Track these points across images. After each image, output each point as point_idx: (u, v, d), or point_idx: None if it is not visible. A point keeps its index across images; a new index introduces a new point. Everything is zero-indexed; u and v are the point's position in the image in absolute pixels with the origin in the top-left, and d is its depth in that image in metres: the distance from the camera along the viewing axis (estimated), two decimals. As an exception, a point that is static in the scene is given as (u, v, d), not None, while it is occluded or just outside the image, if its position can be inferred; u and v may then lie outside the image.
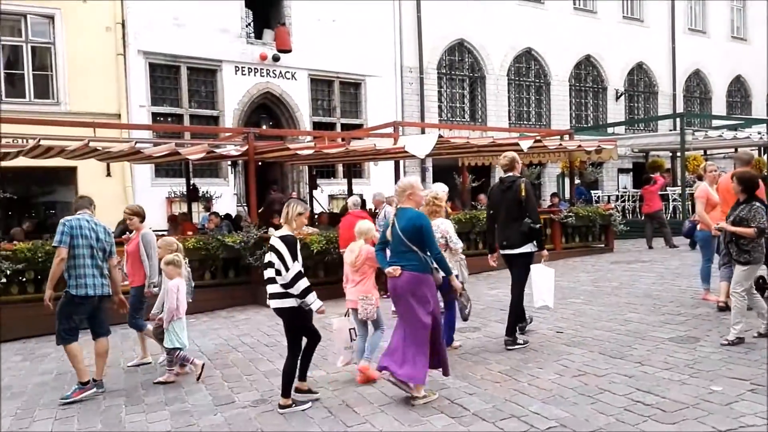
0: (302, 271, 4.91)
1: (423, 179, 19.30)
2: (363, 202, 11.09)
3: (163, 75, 15.82)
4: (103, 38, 14.64)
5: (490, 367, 5.69)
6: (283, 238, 4.91)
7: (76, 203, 6.17)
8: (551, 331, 6.93)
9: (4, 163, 10.07)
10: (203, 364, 6.22)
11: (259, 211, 11.73)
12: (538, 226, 6.20)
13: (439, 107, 20.30)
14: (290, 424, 4.71)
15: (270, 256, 4.96)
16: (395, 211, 5.14)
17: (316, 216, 13.75)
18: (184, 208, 13.95)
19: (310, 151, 10.52)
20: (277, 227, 10.94)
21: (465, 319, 6.21)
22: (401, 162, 13.49)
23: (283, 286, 4.87)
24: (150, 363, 6.88)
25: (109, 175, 14.42)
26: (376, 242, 5.51)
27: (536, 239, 6.24)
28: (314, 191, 15.04)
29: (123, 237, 8.04)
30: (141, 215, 7.04)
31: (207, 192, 14.20)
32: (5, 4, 13.82)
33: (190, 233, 10.78)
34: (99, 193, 14.17)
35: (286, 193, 17.35)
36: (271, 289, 4.98)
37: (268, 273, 4.96)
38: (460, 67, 20.97)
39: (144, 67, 15.25)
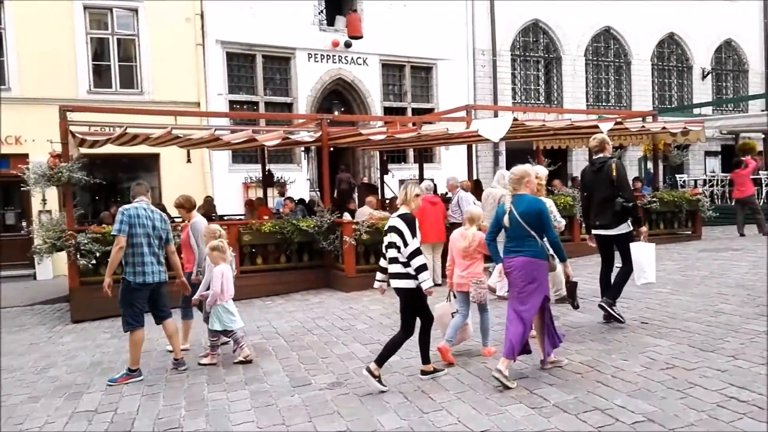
0: (420, 248, 5.02)
1: (496, 163, 18.95)
2: (435, 186, 10.97)
3: (240, 63, 16.20)
4: (182, 29, 15.13)
5: (571, 358, 5.49)
6: (402, 217, 5.06)
7: (133, 190, 6.26)
8: (636, 321, 6.62)
9: (93, 150, 10.59)
10: (250, 359, 6.28)
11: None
12: (631, 204, 6.17)
13: (513, 90, 19.80)
14: (366, 407, 4.71)
15: (390, 237, 5.08)
16: (511, 197, 5.13)
17: (387, 201, 13.73)
18: (260, 193, 14.27)
19: (382, 136, 10.49)
20: (352, 212, 11.11)
21: (575, 307, 6.13)
22: (473, 146, 13.24)
23: (402, 263, 5.00)
24: (188, 349, 7.01)
25: (189, 161, 14.87)
26: (486, 229, 5.59)
27: (632, 217, 6.26)
28: (385, 176, 15.02)
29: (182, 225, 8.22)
30: (187, 205, 7.13)
31: (281, 177, 14.48)
32: (93, -1, 14.53)
33: (266, 217, 11.02)
34: (180, 178, 14.87)
35: (357, 179, 17.47)
36: (393, 269, 5.11)
37: (390, 253, 5.10)
38: (535, 48, 20.35)
39: (221, 56, 15.66)
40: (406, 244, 4.96)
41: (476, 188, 12.26)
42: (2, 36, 14.05)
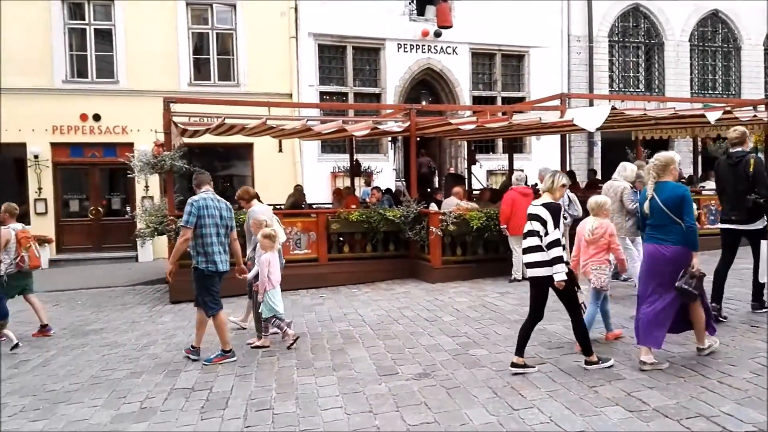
0: (560, 239, 4.98)
1: (590, 154, 18.21)
2: (526, 177, 10.68)
3: (330, 55, 16.44)
4: (277, 23, 15.53)
5: (673, 360, 5.17)
6: (547, 206, 5.05)
7: (197, 179, 6.35)
8: (744, 324, 6.15)
9: (192, 140, 11.09)
10: (297, 337, 6.54)
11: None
12: (762, 200, 6.00)
13: (610, 77, 18.89)
14: (453, 400, 4.64)
15: (532, 225, 5.06)
16: (653, 185, 5.07)
17: (476, 192, 13.51)
18: (348, 183, 14.45)
19: (472, 126, 10.30)
20: (439, 203, 11.01)
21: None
22: (567, 136, 12.75)
23: (543, 252, 5.00)
24: (245, 329, 7.36)
25: (280, 151, 15.26)
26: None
27: (767, 213, 6.13)
28: (473, 166, 14.78)
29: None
30: (246, 197, 7.46)
31: (368, 167, 14.59)
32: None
33: (353, 206, 11.12)
34: (271, 167, 15.33)
35: (444, 168, 17.32)
36: (532, 257, 5.10)
37: (530, 242, 5.08)
38: (635, 33, 19.31)
39: (313, 48, 15.95)
40: (547, 234, 4.94)
41: (570, 179, 11.80)
42: (113, 33, 14.97)
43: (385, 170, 15.58)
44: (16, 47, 14.10)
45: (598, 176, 16.34)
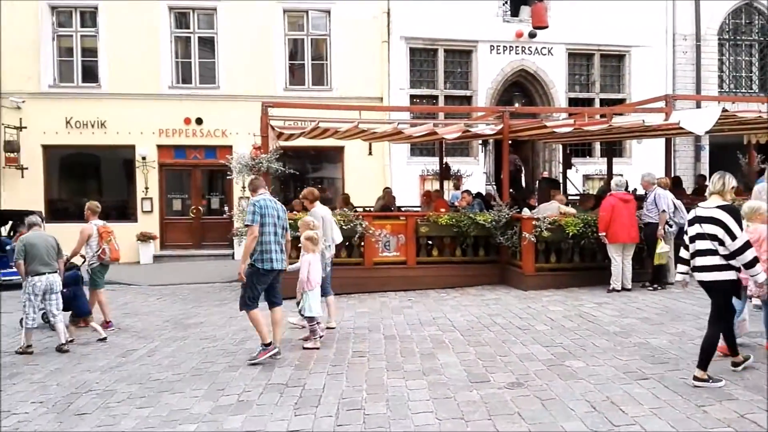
0: (749, 241, 4.82)
1: (697, 158, 17.16)
2: (626, 183, 10.17)
3: (422, 58, 16.43)
4: (369, 27, 15.72)
5: (795, 383, 4.73)
6: (724, 208, 4.87)
7: (252, 183, 6.62)
8: None
9: (286, 143, 11.40)
10: (317, 348, 6.56)
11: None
12: None
13: (720, 78, 17.69)
14: (549, 412, 4.47)
15: (705, 228, 4.90)
16: None
17: (572, 197, 13.00)
18: (437, 186, 14.37)
19: (569, 129, 9.93)
20: (531, 207, 10.70)
21: None
22: (672, 140, 12.05)
23: (726, 256, 4.79)
24: (334, 328, 7.45)
25: (370, 154, 15.49)
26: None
27: None
28: (568, 171, 14.27)
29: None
30: (310, 197, 7.76)
31: (458, 170, 14.44)
32: (290, 2, 15.61)
33: (442, 210, 11.02)
34: (361, 170, 15.52)
35: (536, 172, 16.86)
36: (703, 261, 4.92)
37: (702, 245, 4.91)
38: (748, 31, 17.99)
39: (405, 51, 16.01)
40: (733, 237, 4.73)
41: (675, 186, 11.15)
42: (215, 40, 15.70)
43: (475, 174, 15.34)
44: (128, 55, 15.08)
45: (707, 182, 15.30)
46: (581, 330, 6.95)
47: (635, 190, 11.78)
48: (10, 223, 12.91)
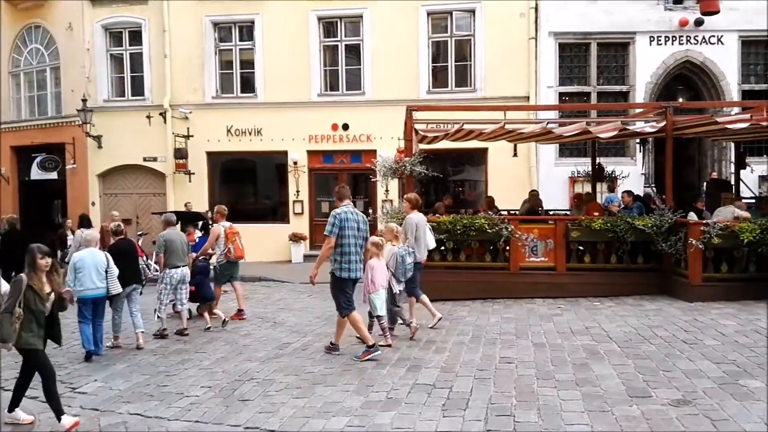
0: None
1: None
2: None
3: (572, 54, 15.68)
4: (516, 25, 15.29)
5: None
6: None
7: (338, 193, 6.86)
8: None
9: (427, 146, 11.41)
10: (389, 345, 6.90)
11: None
12: None
13: None
14: (724, 435, 4.01)
15: None
16: None
17: (746, 200, 11.65)
18: (588, 188, 13.62)
19: (745, 125, 8.94)
20: (699, 212, 9.76)
21: None
22: None
23: None
24: (440, 318, 7.77)
25: (515, 155, 15.08)
26: None
27: None
28: (741, 171, 12.82)
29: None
30: (412, 203, 8.08)
31: (612, 171, 13.56)
32: (434, 4, 15.66)
33: (595, 214, 10.40)
34: (505, 172, 15.14)
35: (705, 173, 15.39)
36: None
37: None
38: None
39: (554, 48, 15.38)
40: None
41: None
42: (360, 47, 16.17)
43: (631, 175, 14.30)
44: (281, 66, 15.94)
45: None
46: (758, 347, 6.22)
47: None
48: (179, 223, 14.20)
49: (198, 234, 11.08)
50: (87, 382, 6.15)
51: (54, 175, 17.58)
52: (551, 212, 12.91)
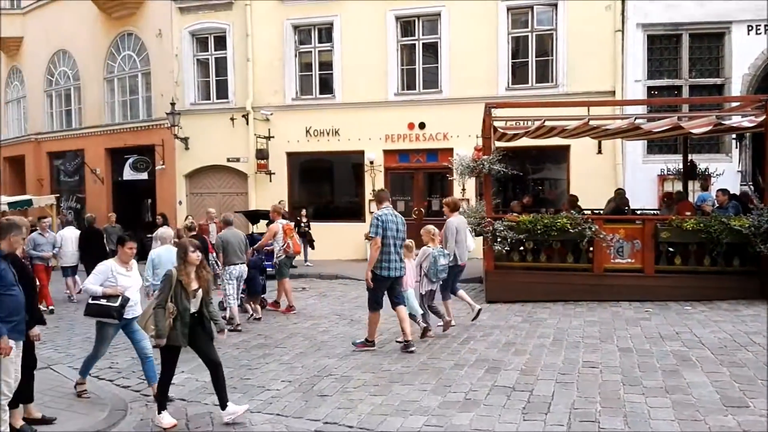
0: None
1: None
2: None
3: (662, 46, 14.89)
4: (601, 17, 14.70)
5: None
6: None
7: (378, 196, 7.29)
8: None
9: (506, 144, 11.15)
10: (429, 330, 7.46)
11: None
12: None
13: None
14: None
15: None
16: None
17: None
18: (679, 187, 12.92)
19: None
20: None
21: None
22: None
23: None
24: (481, 309, 8.16)
25: (600, 152, 14.53)
26: None
27: None
28: None
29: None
30: (451, 206, 8.37)
31: (706, 169, 12.79)
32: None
33: (687, 213, 9.85)
34: (589, 170, 14.58)
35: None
36: None
37: None
38: None
39: (642, 40, 14.67)
40: None
41: None
42: (438, 45, 16.05)
43: (726, 172, 13.44)
44: (359, 66, 16.03)
45: None
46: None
47: None
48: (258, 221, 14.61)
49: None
50: (175, 374, 6.43)
51: (144, 176, 18.59)
52: (638, 212, 12.35)
